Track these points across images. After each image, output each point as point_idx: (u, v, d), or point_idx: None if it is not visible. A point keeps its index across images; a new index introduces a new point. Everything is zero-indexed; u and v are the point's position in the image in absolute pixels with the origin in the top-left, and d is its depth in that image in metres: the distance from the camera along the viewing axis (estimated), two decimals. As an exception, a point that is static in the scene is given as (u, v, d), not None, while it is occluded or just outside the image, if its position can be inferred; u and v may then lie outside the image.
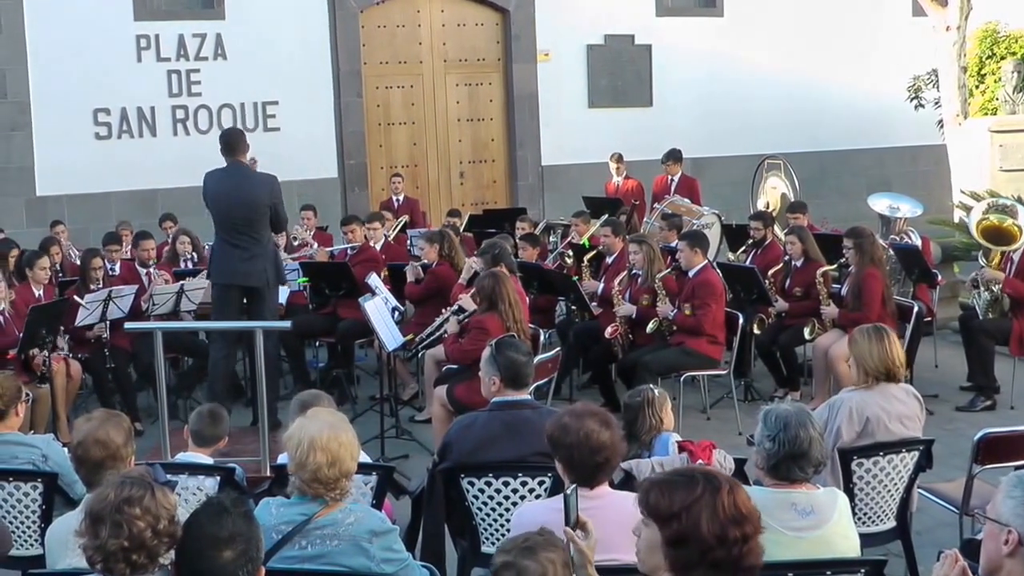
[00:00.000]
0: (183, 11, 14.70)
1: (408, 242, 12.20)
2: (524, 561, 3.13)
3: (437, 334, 8.25)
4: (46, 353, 8.34)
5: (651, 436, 5.15)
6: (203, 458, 5.54)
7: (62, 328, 8.78)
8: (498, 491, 5.01)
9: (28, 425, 7.14)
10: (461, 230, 12.15)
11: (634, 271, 9.08)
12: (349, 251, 10.47)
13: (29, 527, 5.27)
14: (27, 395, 5.86)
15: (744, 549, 2.91)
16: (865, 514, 5.34)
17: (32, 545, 5.26)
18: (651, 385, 5.49)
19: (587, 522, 3.42)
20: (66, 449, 5.02)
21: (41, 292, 9.15)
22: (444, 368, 8.33)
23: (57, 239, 11.01)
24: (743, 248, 10.61)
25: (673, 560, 2.93)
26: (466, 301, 8.06)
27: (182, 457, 5.64)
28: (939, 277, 10.22)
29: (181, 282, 9.55)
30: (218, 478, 5.21)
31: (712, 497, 2.91)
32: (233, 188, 8.55)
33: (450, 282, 9.38)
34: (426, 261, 9.62)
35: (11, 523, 5.20)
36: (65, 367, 8.71)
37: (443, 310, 8.32)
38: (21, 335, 8.31)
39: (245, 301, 8.79)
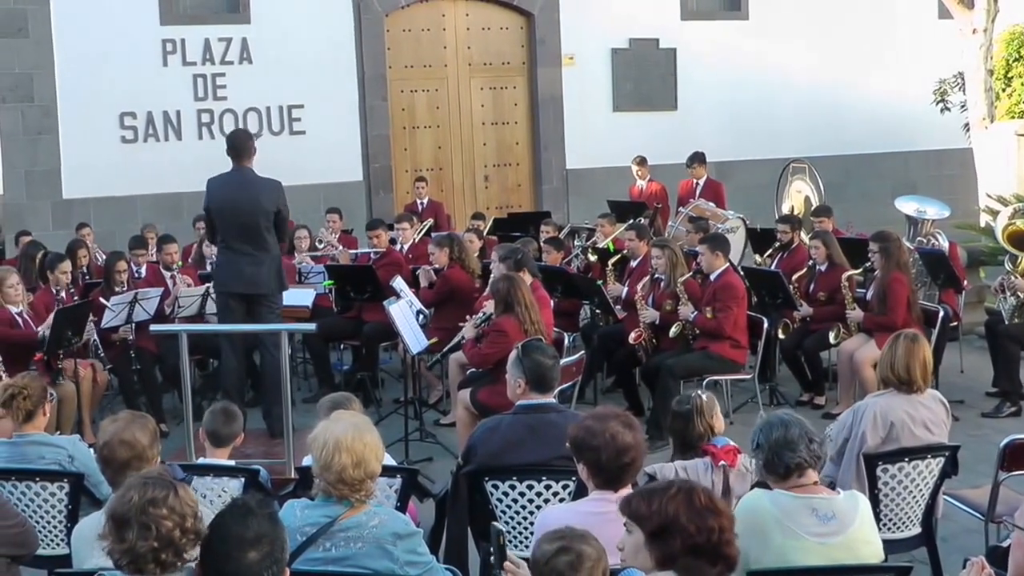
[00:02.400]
0: (209, 15, 14.77)
1: (432, 246, 12.20)
2: (581, 546, 3.27)
3: (457, 340, 8.25)
4: (61, 353, 8.41)
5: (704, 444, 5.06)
6: (223, 461, 5.55)
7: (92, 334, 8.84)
8: (522, 494, 5.01)
9: (54, 426, 7.19)
10: (485, 234, 12.15)
11: (657, 276, 9.06)
12: (372, 255, 10.49)
13: (55, 527, 5.31)
14: (52, 395, 5.89)
15: (723, 538, 3.12)
16: (890, 520, 5.31)
17: (58, 545, 5.30)
18: (699, 391, 5.30)
19: (520, 563, 3.50)
20: (92, 450, 5.04)
21: (63, 293, 9.18)
22: (468, 371, 8.35)
23: (84, 242, 11.05)
24: (769, 252, 10.56)
25: (657, 553, 3.12)
26: (491, 307, 8.08)
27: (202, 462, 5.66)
28: (965, 281, 10.15)
29: (206, 285, 9.59)
30: (242, 480, 5.23)
31: (687, 495, 3.16)
32: (239, 194, 8.21)
33: (462, 284, 9.39)
34: (437, 265, 9.61)
35: (37, 523, 5.24)
36: (92, 373, 8.77)
37: (468, 316, 8.32)
38: (45, 336, 8.35)
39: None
